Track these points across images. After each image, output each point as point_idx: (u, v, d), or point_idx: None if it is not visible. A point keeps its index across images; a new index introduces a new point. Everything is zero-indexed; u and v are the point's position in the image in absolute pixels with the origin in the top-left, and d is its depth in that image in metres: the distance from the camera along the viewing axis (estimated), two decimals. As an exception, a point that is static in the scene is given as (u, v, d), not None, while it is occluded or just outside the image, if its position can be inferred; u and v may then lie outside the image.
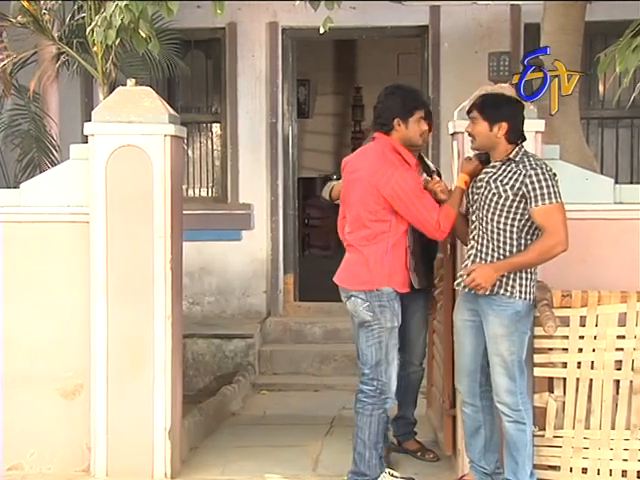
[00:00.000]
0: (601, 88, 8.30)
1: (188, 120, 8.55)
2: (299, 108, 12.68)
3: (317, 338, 8.28)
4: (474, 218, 4.63)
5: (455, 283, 4.73)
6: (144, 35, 5.09)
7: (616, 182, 5.25)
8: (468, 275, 4.49)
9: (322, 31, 5.15)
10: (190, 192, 8.89)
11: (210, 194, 8.96)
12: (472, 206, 4.66)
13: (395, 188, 4.59)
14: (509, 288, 4.48)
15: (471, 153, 4.79)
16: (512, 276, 4.47)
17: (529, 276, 4.52)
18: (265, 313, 8.66)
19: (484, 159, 4.67)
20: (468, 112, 4.62)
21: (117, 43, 5.88)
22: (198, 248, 8.39)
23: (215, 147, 8.93)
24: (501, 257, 4.51)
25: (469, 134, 4.62)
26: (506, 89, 5.15)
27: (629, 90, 8.39)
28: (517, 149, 4.56)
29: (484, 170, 4.62)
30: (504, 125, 4.50)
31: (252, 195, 8.65)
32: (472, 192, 4.67)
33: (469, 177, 4.68)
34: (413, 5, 8.38)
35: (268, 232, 8.66)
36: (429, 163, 5.42)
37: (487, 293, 4.48)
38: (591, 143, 8.40)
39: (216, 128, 8.92)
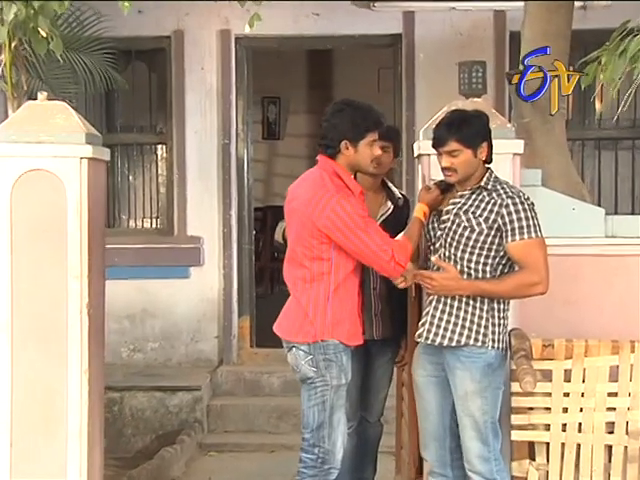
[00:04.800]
0: (598, 105, 8.09)
1: (129, 141, 8.67)
2: (269, 128, 12.72)
3: (275, 390, 8.11)
4: (433, 258, 4.47)
5: (416, 334, 4.54)
6: (44, 34, 4.81)
7: (616, 212, 5.11)
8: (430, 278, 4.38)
9: (248, 30, 5.18)
10: (131, 223, 8.80)
11: (154, 225, 8.82)
12: (434, 244, 4.50)
13: (331, 217, 4.32)
14: (480, 337, 4.36)
15: (437, 178, 4.62)
16: (483, 322, 4.36)
17: (501, 322, 4.41)
18: (216, 361, 8.52)
19: (444, 187, 4.52)
20: (439, 145, 4.40)
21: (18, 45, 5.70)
22: (140, 287, 8.35)
23: (160, 172, 8.78)
24: (470, 302, 4.38)
25: (446, 169, 4.39)
26: (479, 104, 4.98)
27: (629, 107, 8.23)
28: (487, 175, 4.43)
29: (451, 201, 4.45)
30: (484, 146, 4.40)
31: (202, 227, 8.50)
32: (434, 227, 4.52)
33: (429, 208, 4.52)
34: (384, 11, 8.26)
35: (220, 269, 8.51)
36: (394, 189, 5.26)
37: (453, 345, 4.36)
38: (587, 167, 8.36)
39: (161, 150, 8.77)
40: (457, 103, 4.96)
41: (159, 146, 8.77)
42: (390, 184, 5.21)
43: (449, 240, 4.39)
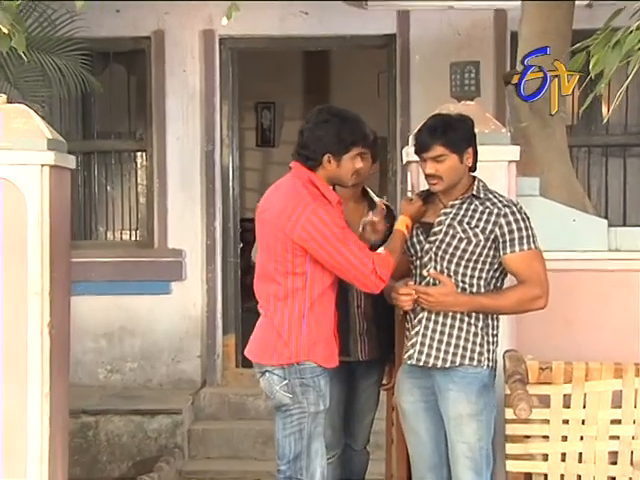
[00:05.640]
0: (604, 110, 7.99)
1: (106, 148, 8.60)
2: (263, 135, 12.58)
3: (261, 413, 7.95)
4: (425, 273, 4.37)
5: (406, 356, 4.42)
6: (5, 31, 4.76)
7: (624, 223, 5.07)
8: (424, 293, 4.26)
9: (225, 22, 5.22)
10: (109, 235, 8.74)
11: (133, 238, 8.73)
12: (421, 258, 4.40)
13: (307, 227, 4.19)
14: (475, 355, 4.29)
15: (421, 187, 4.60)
16: (479, 340, 4.30)
17: (495, 339, 4.38)
18: (200, 382, 8.42)
19: (424, 197, 4.46)
20: (423, 150, 4.31)
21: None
22: (118, 303, 8.28)
23: (139, 181, 8.68)
24: (465, 319, 4.30)
25: (431, 176, 4.30)
26: (472, 108, 4.94)
27: (638, 112, 8.13)
28: (476, 183, 4.36)
29: (442, 211, 4.37)
30: (470, 151, 4.33)
31: (184, 239, 8.41)
32: (419, 241, 4.42)
33: (411, 221, 4.41)
34: (377, 10, 8.15)
35: (203, 283, 8.42)
36: (375, 198, 5.17)
37: (447, 365, 4.28)
38: (593, 175, 8.29)
39: (140, 158, 8.68)
40: (448, 106, 4.89)
41: (138, 153, 8.67)
42: (372, 193, 5.10)
43: (441, 253, 4.30)
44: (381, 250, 4.34)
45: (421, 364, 4.33)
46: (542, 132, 5.72)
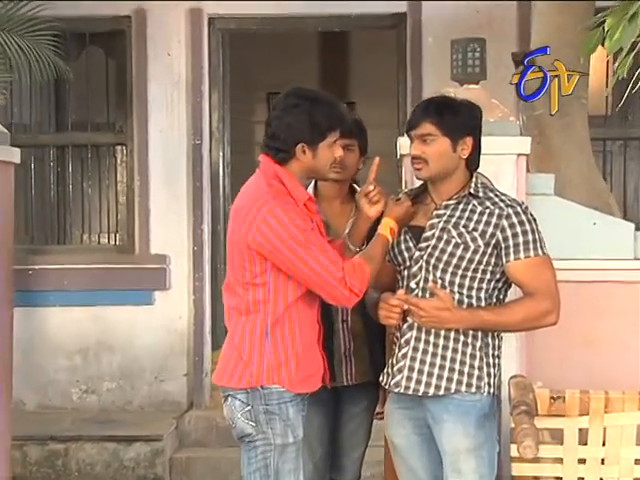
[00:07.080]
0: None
1: (82, 141, 8.49)
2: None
3: (252, 440, 7.67)
4: (414, 284, 4.13)
5: (392, 383, 4.17)
6: None
7: None
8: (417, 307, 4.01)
9: None
10: (85, 239, 8.64)
11: (112, 242, 8.65)
12: (410, 267, 4.16)
13: (262, 229, 3.95)
14: (473, 381, 4.08)
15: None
16: (477, 363, 4.09)
17: (496, 361, 4.17)
18: (186, 404, 8.26)
19: (413, 197, 4.24)
20: (411, 127, 4.13)
21: None
22: (94, 315, 8.15)
23: (119, 178, 8.59)
24: (460, 338, 4.08)
25: (416, 158, 4.12)
26: (476, 92, 4.78)
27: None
28: (475, 179, 4.13)
29: (435, 213, 4.14)
30: (469, 141, 4.10)
31: (168, 244, 8.27)
32: (408, 247, 4.19)
33: (397, 224, 4.17)
34: None
35: (190, 293, 8.29)
36: None
37: (441, 393, 4.05)
38: (629, 172, 8.15)
39: (120, 152, 8.58)
40: (448, 90, 4.70)
41: (118, 147, 8.57)
42: (358, 188, 4.83)
43: (433, 262, 4.07)
44: (356, 257, 4.09)
45: (410, 392, 4.10)
46: (559, 121, 5.54)
